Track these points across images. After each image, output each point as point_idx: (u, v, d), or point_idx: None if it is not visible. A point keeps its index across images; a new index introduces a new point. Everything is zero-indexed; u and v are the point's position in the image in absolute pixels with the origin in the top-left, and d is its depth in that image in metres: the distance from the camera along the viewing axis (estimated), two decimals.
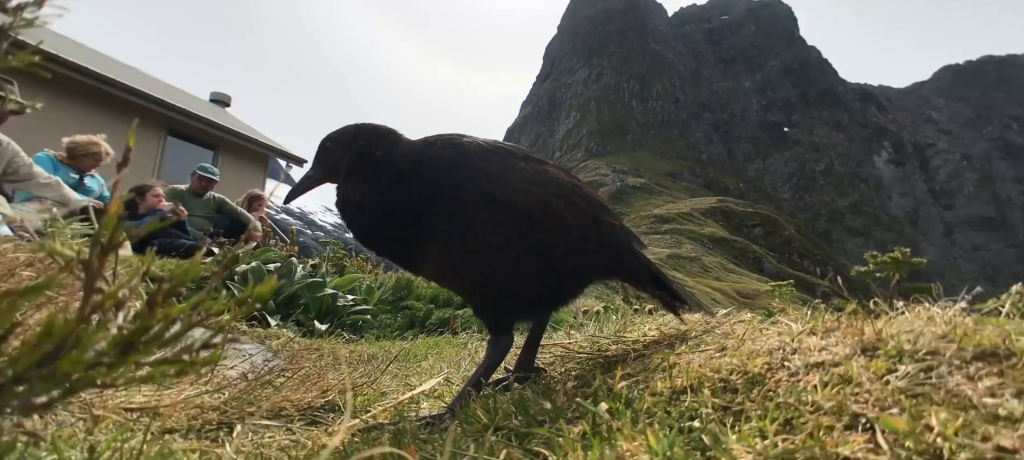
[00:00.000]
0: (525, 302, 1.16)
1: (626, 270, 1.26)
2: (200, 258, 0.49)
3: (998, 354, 0.64)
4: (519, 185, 1.11)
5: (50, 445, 0.70)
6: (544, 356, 1.40)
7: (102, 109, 9.58)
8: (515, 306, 1.16)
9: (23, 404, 0.42)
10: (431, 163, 1.14)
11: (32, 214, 2.93)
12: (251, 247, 4.25)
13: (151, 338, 0.45)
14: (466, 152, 1.14)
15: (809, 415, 0.62)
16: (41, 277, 0.78)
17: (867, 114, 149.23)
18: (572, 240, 1.14)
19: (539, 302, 1.19)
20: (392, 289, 4.18)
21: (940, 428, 0.52)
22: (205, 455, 0.92)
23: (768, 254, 46.43)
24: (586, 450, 0.67)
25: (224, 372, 1.54)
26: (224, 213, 5.75)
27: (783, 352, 0.81)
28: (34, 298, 0.42)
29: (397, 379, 1.73)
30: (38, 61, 0.61)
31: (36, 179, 3.62)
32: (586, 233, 1.16)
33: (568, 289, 1.21)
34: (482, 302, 1.19)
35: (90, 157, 4.42)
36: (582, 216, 1.16)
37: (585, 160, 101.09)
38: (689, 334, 1.19)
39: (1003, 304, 0.89)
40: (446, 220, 1.08)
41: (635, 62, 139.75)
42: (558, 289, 1.18)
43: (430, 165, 1.14)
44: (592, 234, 1.17)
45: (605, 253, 1.21)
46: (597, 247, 1.19)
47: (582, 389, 1.01)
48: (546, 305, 1.22)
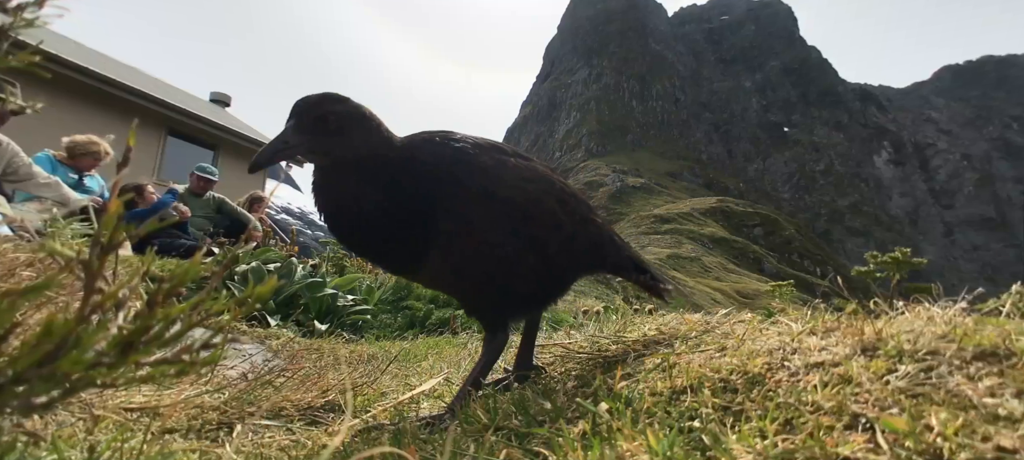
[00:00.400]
0: (521, 300, 1.18)
1: (611, 264, 1.31)
2: (200, 258, 0.49)
3: (998, 354, 0.64)
4: (514, 182, 1.11)
5: (50, 445, 0.70)
6: (544, 356, 1.40)
7: (102, 109, 9.59)
8: (512, 304, 1.18)
9: (23, 404, 0.42)
10: (429, 159, 1.10)
11: (32, 214, 2.93)
12: (251, 247, 4.25)
13: (151, 338, 0.45)
14: (463, 148, 1.12)
15: (809, 415, 0.62)
16: (41, 277, 0.78)
17: (867, 114, 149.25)
18: (564, 237, 1.16)
19: (534, 299, 1.21)
20: (392, 289, 4.18)
21: (940, 428, 0.52)
22: (205, 455, 0.92)
23: (768, 254, 46.44)
24: (586, 450, 0.67)
25: (224, 372, 1.54)
26: (224, 213, 5.76)
27: (783, 352, 0.81)
28: (34, 298, 0.42)
29: (397, 379, 1.73)
30: (38, 61, 0.61)
31: (36, 179, 3.62)
32: (576, 231, 1.19)
33: (559, 285, 1.23)
34: (479, 301, 1.18)
35: (89, 156, 4.42)
36: (572, 214, 1.19)
37: (585, 160, 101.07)
38: (689, 334, 1.19)
39: (1003, 304, 0.89)
40: (447, 219, 1.06)
41: (635, 62, 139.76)
42: (551, 285, 1.21)
43: (427, 161, 1.10)
44: (581, 231, 1.21)
45: (593, 249, 1.25)
46: (586, 244, 1.22)
47: (582, 389, 1.01)
48: (540, 302, 1.24)
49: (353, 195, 1.06)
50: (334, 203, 1.09)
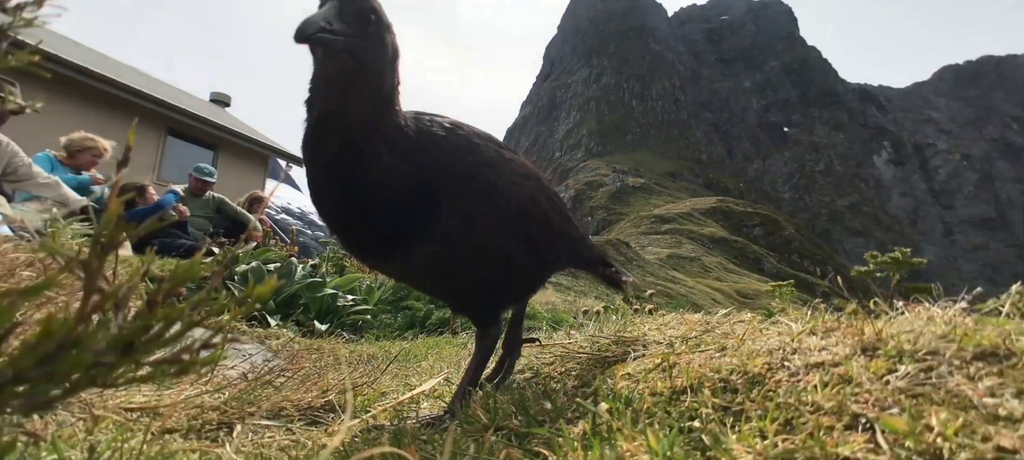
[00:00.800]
0: (513, 295, 1.21)
1: (584, 260, 1.37)
2: (200, 258, 0.49)
3: (998, 354, 0.64)
4: (514, 179, 1.11)
5: (50, 445, 0.70)
6: (544, 356, 1.40)
7: (102, 109, 9.59)
8: (505, 300, 1.21)
9: (23, 404, 0.42)
10: (442, 146, 1.00)
11: (32, 214, 2.93)
12: (251, 247, 4.25)
13: (151, 338, 0.45)
14: (467, 136, 1.07)
15: (809, 415, 0.62)
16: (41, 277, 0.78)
17: (867, 114, 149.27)
18: (553, 235, 1.20)
19: (523, 294, 1.26)
20: (392, 289, 4.18)
21: (940, 428, 0.52)
22: (205, 455, 0.92)
23: (768, 254, 46.43)
24: (586, 450, 0.67)
25: (224, 372, 1.54)
26: (224, 213, 5.76)
27: (783, 352, 0.81)
28: (34, 298, 0.42)
29: (397, 379, 1.73)
30: (38, 61, 0.61)
31: (35, 179, 3.63)
32: (561, 229, 1.24)
33: (543, 280, 1.29)
34: (473, 297, 1.17)
35: (86, 151, 4.43)
36: (558, 212, 1.23)
37: (585, 160, 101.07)
38: (689, 334, 1.19)
39: (1003, 304, 0.89)
40: (452, 214, 0.99)
41: (635, 62, 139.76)
42: (538, 281, 1.26)
43: (441, 142, 1.00)
44: (565, 230, 1.25)
45: (573, 246, 1.30)
46: (568, 241, 1.28)
47: (582, 389, 1.01)
48: (527, 294, 1.28)
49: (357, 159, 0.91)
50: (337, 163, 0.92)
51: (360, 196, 0.93)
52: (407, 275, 1.14)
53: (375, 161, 0.92)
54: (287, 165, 13.94)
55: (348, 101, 0.91)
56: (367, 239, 0.99)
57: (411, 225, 0.97)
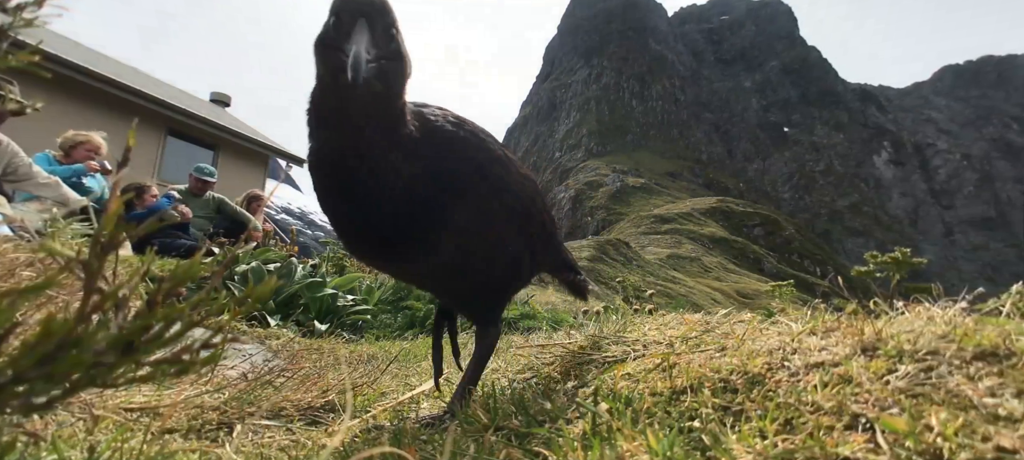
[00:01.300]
0: (510, 295, 1.25)
1: (562, 262, 1.41)
2: (200, 258, 0.49)
3: (998, 354, 0.64)
4: (518, 179, 1.12)
5: (50, 445, 0.70)
6: (544, 356, 1.40)
7: (102, 109, 9.59)
8: (508, 298, 1.24)
9: (23, 404, 0.42)
10: (452, 137, 0.98)
11: (32, 214, 2.93)
12: (251, 247, 4.25)
13: (151, 338, 0.45)
14: (475, 132, 1.04)
15: (809, 415, 0.62)
16: (41, 277, 0.78)
17: (867, 114, 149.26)
18: (546, 237, 1.24)
19: (514, 293, 1.30)
20: (392, 289, 4.18)
21: (940, 428, 0.52)
22: (205, 455, 0.92)
23: (768, 254, 46.41)
24: (586, 450, 0.67)
25: (224, 372, 1.54)
26: (224, 213, 5.76)
27: (783, 352, 0.81)
28: (34, 298, 0.42)
29: (397, 379, 1.73)
30: (38, 61, 0.61)
31: (35, 179, 3.63)
32: (551, 231, 1.28)
33: (529, 281, 1.33)
34: (479, 297, 1.17)
35: (80, 147, 4.44)
36: (548, 214, 1.27)
37: (585, 160, 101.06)
38: (689, 334, 1.19)
39: (1003, 304, 0.89)
40: (464, 213, 0.97)
41: (635, 62, 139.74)
42: (528, 280, 1.30)
43: (451, 140, 0.98)
44: (553, 232, 1.30)
45: (556, 249, 1.35)
46: (555, 243, 1.34)
47: (582, 389, 1.01)
48: (516, 291, 1.31)
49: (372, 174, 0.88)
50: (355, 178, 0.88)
51: (377, 208, 0.90)
52: (413, 275, 1.13)
53: (393, 176, 0.89)
54: (287, 165, 13.94)
55: (368, 121, 0.87)
56: (381, 245, 0.97)
57: (426, 226, 0.94)
